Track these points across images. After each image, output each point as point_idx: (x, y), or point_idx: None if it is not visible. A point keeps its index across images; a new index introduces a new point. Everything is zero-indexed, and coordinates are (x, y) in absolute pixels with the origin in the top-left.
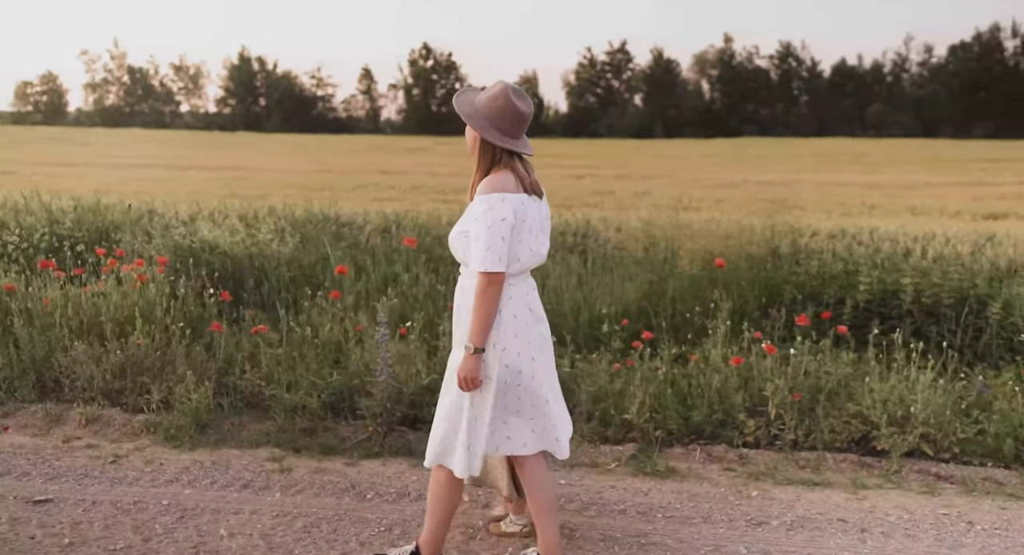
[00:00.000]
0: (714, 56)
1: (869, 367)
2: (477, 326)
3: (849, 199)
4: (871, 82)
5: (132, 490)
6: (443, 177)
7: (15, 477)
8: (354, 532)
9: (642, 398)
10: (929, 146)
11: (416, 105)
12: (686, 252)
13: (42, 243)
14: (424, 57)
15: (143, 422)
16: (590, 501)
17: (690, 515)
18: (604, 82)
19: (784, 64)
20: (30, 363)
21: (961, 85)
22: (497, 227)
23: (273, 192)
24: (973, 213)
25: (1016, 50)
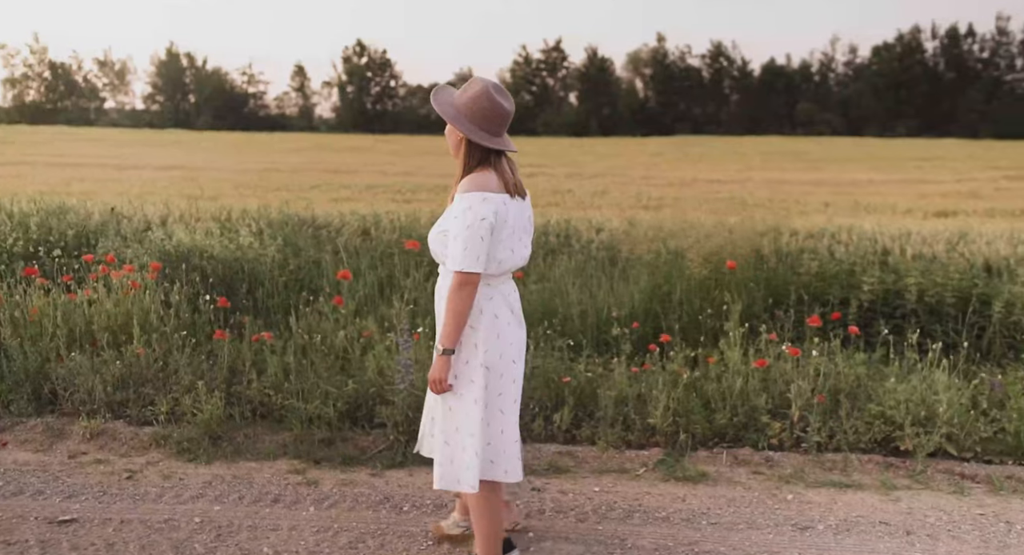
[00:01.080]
0: (647, 55)
1: (884, 367)
2: (450, 327)
3: (802, 197)
4: (799, 81)
5: (159, 507)
6: (394, 176)
7: (29, 496)
8: (402, 546)
9: (665, 402)
10: (862, 144)
11: (351, 103)
12: (687, 253)
13: (15, 248)
14: (358, 54)
15: (151, 435)
16: (630, 508)
17: (734, 521)
18: (539, 80)
19: (716, 63)
20: (23, 375)
21: (885, 84)
22: (476, 226)
23: (225, 192)
24: (924, 211)
25: (935, 51)
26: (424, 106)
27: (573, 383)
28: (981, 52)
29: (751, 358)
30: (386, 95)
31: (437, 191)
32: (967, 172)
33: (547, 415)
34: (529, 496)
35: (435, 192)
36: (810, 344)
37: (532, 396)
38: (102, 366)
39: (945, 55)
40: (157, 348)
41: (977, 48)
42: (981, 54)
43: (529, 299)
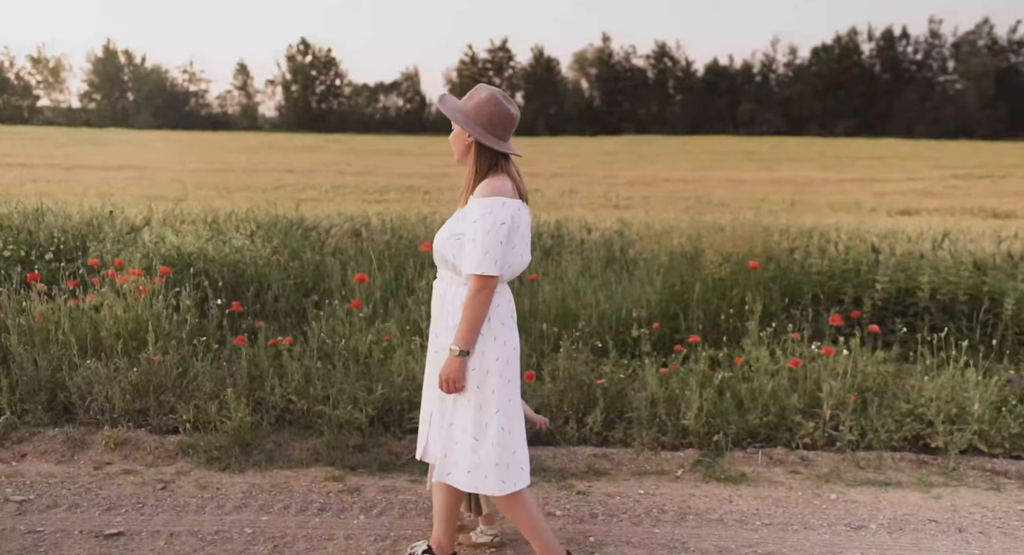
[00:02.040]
0: (593, 55)
1: (909, 365)
2: (467, 329)
3: (766, 196)
4: (741, 82)
5: (205, 519)
6: (353, 176)
7: (66, 509)
8: (468, 553)
9: (699, 403)
10: (807, 143)
11: (295, 102)
12: (706, 253)
13: (4, 252)
14: (302, 52)
15: (177, 444)
16: (681, 511)
17: (787, 521)
18: (486, 79)
19: (660, 63)
20: (35, 384)
21: (824, 85)
22: (496, 231)
23: (189, 193)
24: (887, 209)
25: (871, 53)
26: (370, 105)
27: (604, 385)
28: (915, 54)
29: (781, 358)
30: (331, 94)
31: (404, 191)
32: (916, 171)
33: (579, 417)
34: (576, 499)
35: (403, 192)
36: (841, 344)
37: (563, 398)
38: (118, 374)
39: (881, 57)
40: (175, 354)
41: (911, 50)
42: (915, 56)
43: (544, 300)
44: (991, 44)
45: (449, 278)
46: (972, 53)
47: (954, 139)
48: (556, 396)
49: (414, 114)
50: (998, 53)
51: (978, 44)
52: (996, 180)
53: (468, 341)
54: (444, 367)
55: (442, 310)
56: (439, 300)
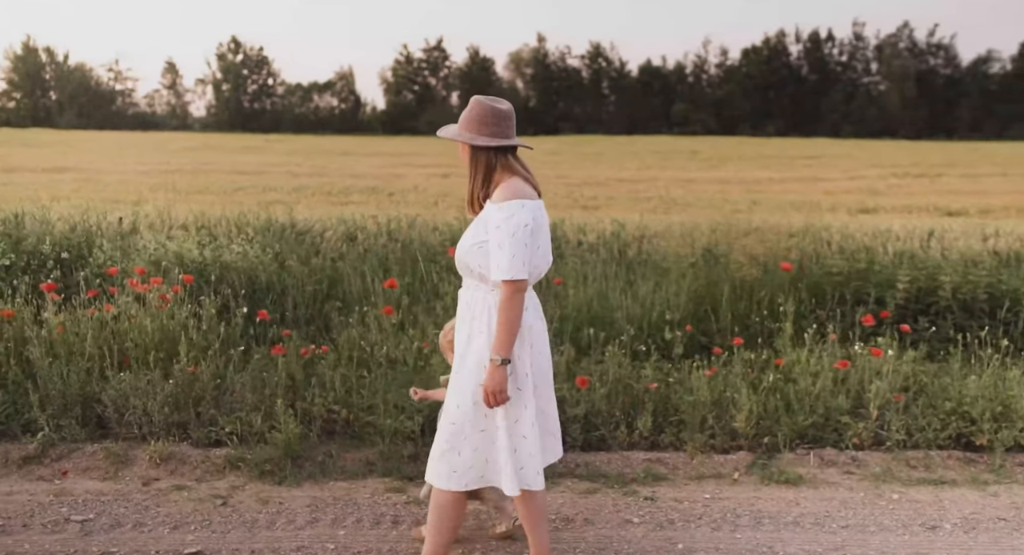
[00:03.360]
0: (528, 55)
1: (940, 364)
2: (505, 337)
3: (723, 196)
4: (674, 82)
5: (280, 535)
6: (309, 177)
7: (132, 528)
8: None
9: (749, 406)
10: (744, 143)
11: (227, 101)
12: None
13: (5, 261)
14: (233, 51)
15: (223, 457)
16: (755, 515)
17: (862, 523)
18: (422, 79)
19: (595, 64)
20: (66, 398)
21: (754, 86)
22: (520, 234)
23: (145, 196)
24: (847, 208)
25: (799, 54)
26: (304, 104)
27: (644, 387)
28: (840, 56)
29: (825, 359)
30: (264, 93)
31: (367, 193)
32: (853, 170)
33: (629, 422)
34: (647, 505)
35: (366, 194)
36: (885, 344)
37: (612, 403)
38: (151, 386)
39: (808, 58)
40: (211, 365)
41: (837, 52)
42: (840, 58)
43: (573, 303)
44: (911, 46)
45: (475, 286)
46: (894, 55)
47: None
48: (604, 401)
49: (349, 114)
50: (918, 55)
51: (899, 46)
52: (933, 179)
53: (508, 348)
54: (488, 379)
55: (469, 318)
56: (466, 308)
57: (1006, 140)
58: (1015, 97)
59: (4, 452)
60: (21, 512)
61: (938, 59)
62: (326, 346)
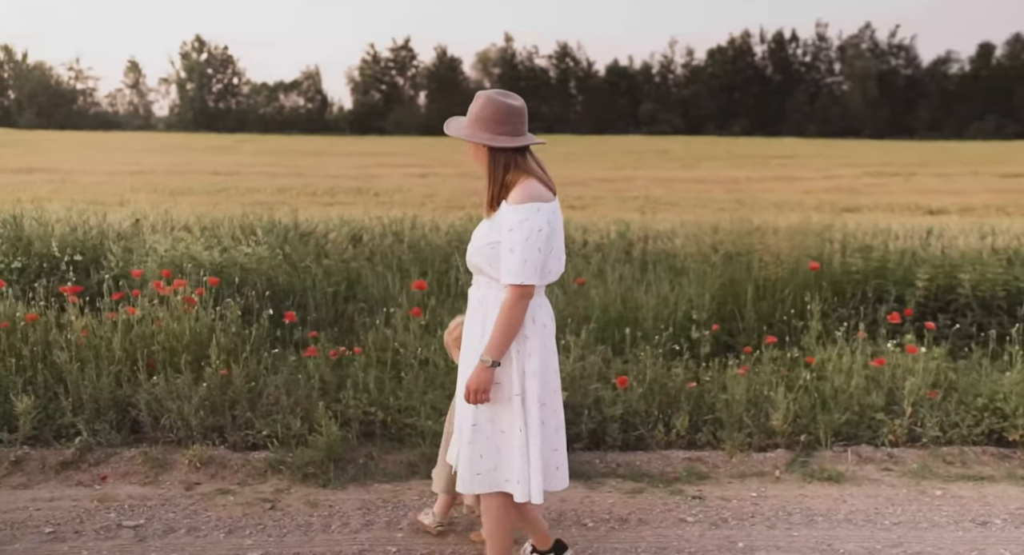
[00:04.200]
0: (496, 55)
1: (970, 361)
2: (501, 340)
3: (704, 195)
4: (641, 82)
5: (338, 538)
6: (288, 178)
7: (186, 534)
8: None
9: (786, 404)
10: (713, 143)
11: (191, 100)
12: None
13: (14, 264)
14: (197, 50)
15: (264, 460)
16: (807, 513)
17: (913, 519)
18: (389, 79)
19: (562, 64)
20: (97, 402)
21: (719, 85)
22: (534, 238)
23: (128, 197)
24: (831, 206)
25: (764, 55)
26: (270, 104)
27: (679, 386)
28: (804, 56)
29: (858, 357)
30: (229, 93)
31: (352, 193)
32: (827, 169)
33: (666, 421)
34: (696, 504)
35: (352, 194)
36: (913, 341)
37: (649, 402)
38: (185, 390)
39: (772, 58)
40: (244, 368)
41: (800, 52)
42: (804, 58)
43: (597, 304)
44: (873, 47)
45: (487, 283)
46: (856, 56)
47: (843, 138)
48: (642, 400)
49: (315, 113)
50: (879, 56)
51: (861, 47)
52: (907, 178)
53: (501, 351)
54: (473, 377)
55: (481, 315)
56: (478, 305)
57: (965, 139)
58: (973, 98)
59: (41, 458)
60: (69, 518)
61: (899, 60)
62: (359, 348)
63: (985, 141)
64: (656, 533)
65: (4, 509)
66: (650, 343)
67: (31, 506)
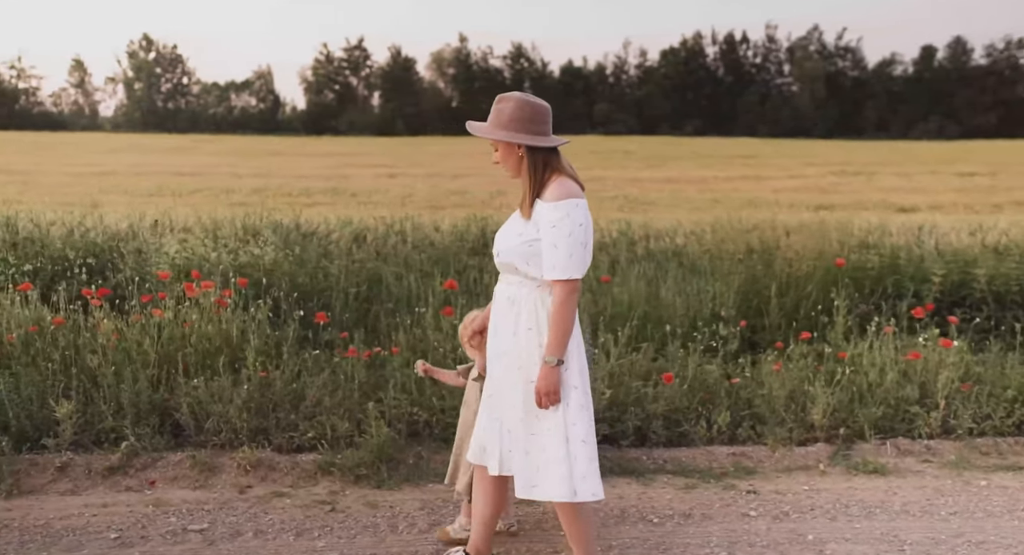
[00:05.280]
0: (450, 55)
1: (990, 354)
2: (559, 338)
3: (677, 194)
4: (595, 83)
5: (410, 539)
6: (255, 178)
7: (254, 536)
8: (707, 551)
9: (825, 399)
10: (673, 143)
11: (139, 100)
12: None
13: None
14: (145, 49)
15: (313, 462)
16: (862, 505)
17: (968, 509)
18: (342, 79)
19: (517, 64)
20: (136, 406)
21: (672, 86)
22: (577, 234)
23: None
24: (804, 205)
25: (715, 56)
26: (221, 104)
27: (716, 382)
28: (754, 57)
29: (892, 352)
30: (179, 92)
31: (330, 194)
32: (791, 169)
33: (708, 417)
34: (752, 499)
35: (329, 195)
36: (933, 336)
37: (691, 399)
38: (226, 392)
39: (724, 60)
40: (284, 369)
41: (751, 54)
42: (754, 59)
43: (623, 301)
44: (821, 49)
45: (519, 282)
46: (805, 57)
47: (794, 138)
48: (685, 397)
49: (268, 113)
50: (827, 58)
51: (809, 49)
52: (869, 177)
53: (562, 349)
54: (542, 380)
55: (514, 314)
56: (507, 304)
57: (911, 139)
58: (917, 98)
59: (86, 463)
60: (129, 523)
61: (846, 61)
62: (396, 347)
63: (932, 141)
64: (723, 528)
65: (60, 516)
66: (686, 340)
67: (86, 512)
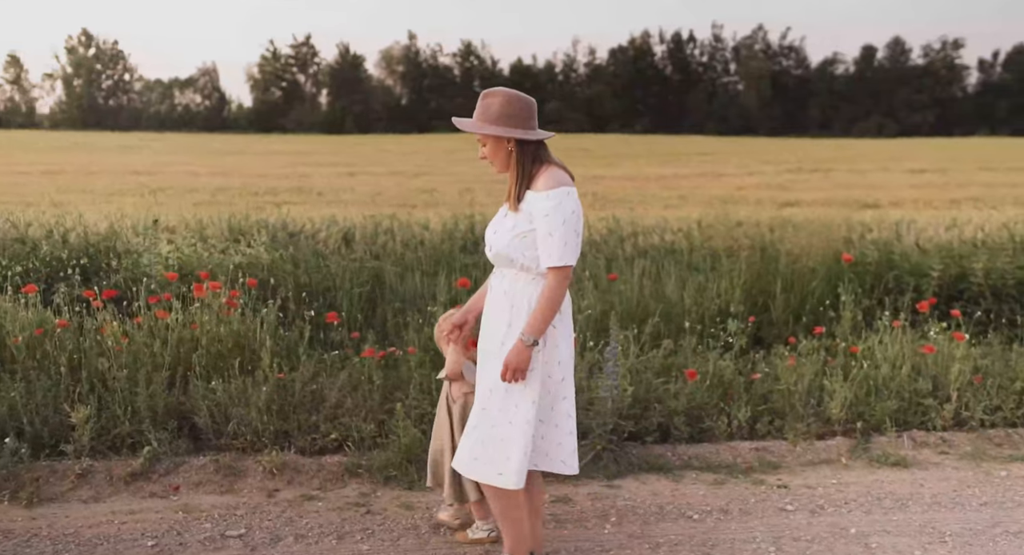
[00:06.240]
0: (400, 53)
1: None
2: (541, 320)
3: (655, 192)
4: (545, 81)
5: (455, 540)
6: (213, 177)
7: (295, 541)
8: (752, 549)
9: (843, 393)
10: (629, 141)
11: (78, 97)
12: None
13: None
14: (84, 44)
15: (338, 464)
16: (894, 497)
17: (997, 500)
18: (290, 76)
19: (466, 62)
20: (152, 410)
21: (621, 85)
22: (571, 221)
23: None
24: (771, 201)
25: (663, 55)
26: (164, 101)
27: (731, 378)
28: (701, 56)
29: (905, 346)
30: (120, 89)
31: (295, 193)
32: (749, 166)
33: (728, 412)
34: (783, 493)
35: (296, 193)
36: (937, 328)
37: (711, 395)
38: (244, 395)
39: (672, 59)
40: (301, 371)
41: (698, 53)
42: (701, 58)
43: (632, 298)
44: (766, 48)
45: (514, 275)
46: (750, 57)
47: (742, 136)
48: (707, 393)
49: (213, 111)
50: (772, 57)
51: (755, 48)
52: (825, 174)
53: (542, 331)
54: (513, 356)
55: (508, 306)
56: (502, 297)
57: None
58: (858, 97)
59: (106, 470)
60: (163, 530)
61: (790, 60)
62: (413, 348)
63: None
64: (764, 523)
65: (88, 523)
66: (702, 337)
67: (115, 519)
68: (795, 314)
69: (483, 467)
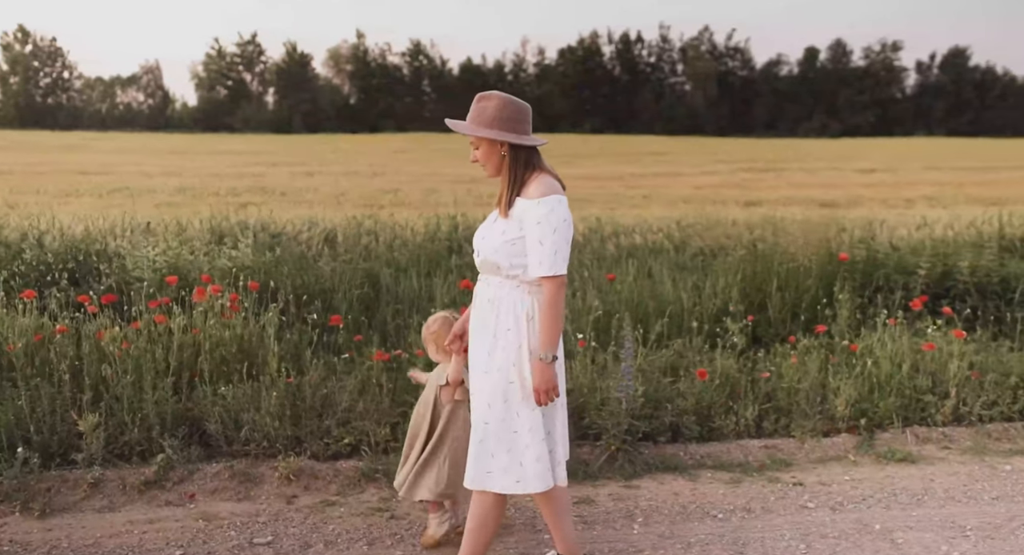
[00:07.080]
0: (348, 52)
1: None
2: (551, 335)
3: (605, 190)
4: (495, 81)
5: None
6: (167, 177)
7: (325, 547)
8: (784, 545)
9: (848, 391)
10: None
11: (15, 95)
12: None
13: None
14: (21, 41)
15: (355, 469)
16: (909, 493)
17: (1007, 494)
18: (235, 75)
19: (416, 61)
20: (160, 417)
21: (571, 85)
22: (562, 229)
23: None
24: (736, 201)
25: (612, 55)
26: (106, 100)
27: (736, 377)
28: (649, 57)
29: (904, 343)
30: (59, 87)
31: (260, 193)
32: (702, 165)
33: (735, 411)
34: (800, 490)
35: (259, 194)
36: (926, 324)
37: (718, 393)
38: (254, 400)
39: (620, 59)
40: (310, 375)
41: (646, 53)
42: (649, 59)
43: (630, 298)
44: (712, 49)
45: (499, 283)
46: (696, 57)
47: (690, 135)
48: (717, 392)
49: (157, 110)
50: (718, 58)
51: (701, 49)
52: (779, 173)
53: (555, 346)
54: (537, 377)
55: (494, 315)
56: (488, 304)
57: (798, 137)
58: (801, 98)
59: (119, 478)
60: (187, 539)
61: (735, 61)
62: (421, 351)
63: (817, 139)
64: (789, 520)
65: (106, 534)
66: (707, 337)
67: (134, 529)
68: (792, 313)
69: (499, 479)
